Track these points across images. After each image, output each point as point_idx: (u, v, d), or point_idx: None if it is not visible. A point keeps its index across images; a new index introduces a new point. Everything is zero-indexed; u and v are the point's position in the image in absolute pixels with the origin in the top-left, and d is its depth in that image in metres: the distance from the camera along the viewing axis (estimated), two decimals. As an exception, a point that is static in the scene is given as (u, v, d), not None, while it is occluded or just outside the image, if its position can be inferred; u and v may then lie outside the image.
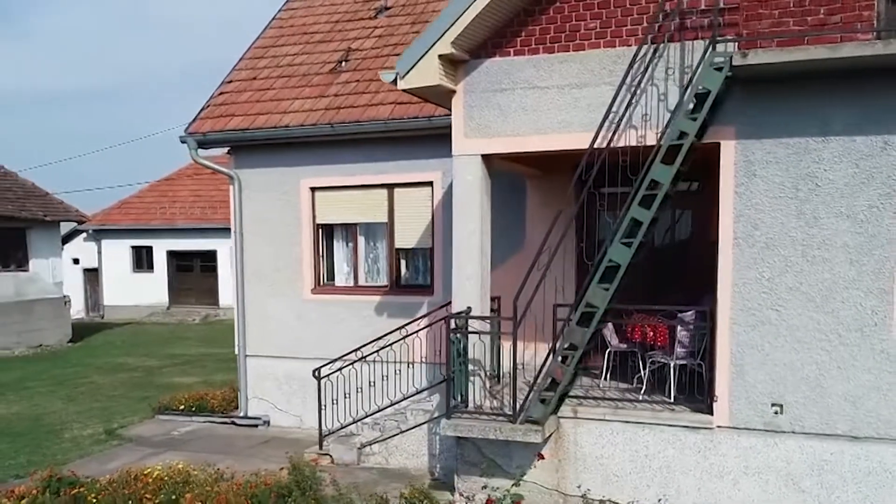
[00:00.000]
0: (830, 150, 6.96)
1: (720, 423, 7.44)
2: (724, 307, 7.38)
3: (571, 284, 10.11)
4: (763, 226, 7.20)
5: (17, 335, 22.42)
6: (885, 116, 6.78)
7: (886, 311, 6.90)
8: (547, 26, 7.89)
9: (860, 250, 6.93)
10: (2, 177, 23.09)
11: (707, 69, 6.81)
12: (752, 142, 7.19)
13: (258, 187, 12.25)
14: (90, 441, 11.86)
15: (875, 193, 6.86)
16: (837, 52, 6.39)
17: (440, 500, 8.15)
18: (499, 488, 7.77)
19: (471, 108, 8.18)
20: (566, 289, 9.58)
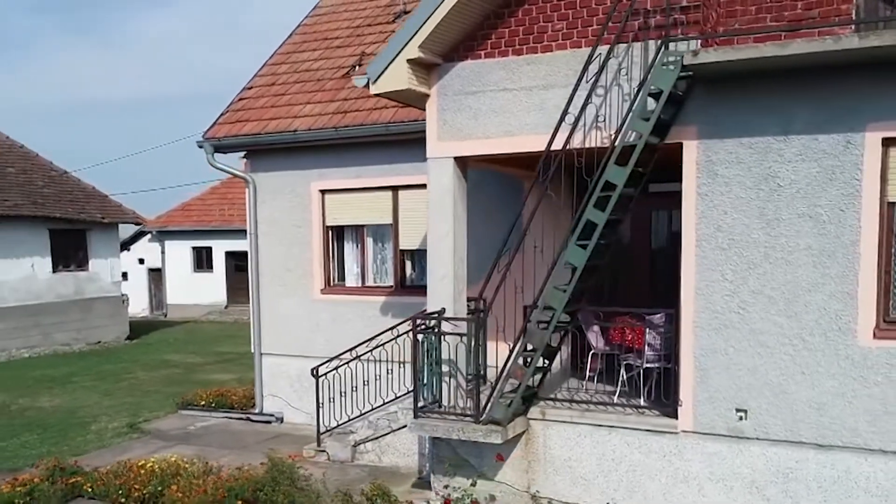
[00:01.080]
0: (792, 149, 6.79)
1: (685, 427, 7.33)
2: (687, 310, 7.27)
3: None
4: (726, 227, 7.07)
5: (77, 332, 23.51)
6: (847, 114, 6.57)
7: (851, 316, 6.68)
8: (516, 28, 7.92)
9: (824, 252, 6.73)
10: (63, 181, 24.24)
11: (659, 69, 6.74)
12: (714, 141, 7.07)
13: (272, 190, 12.60)
14: (112, 434, 12.40)
15: (838, 193, 6.65)
16: (785, 49, 6.24)
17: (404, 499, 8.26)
18: (460, 487, 7.84)
19: (444, 111, 8.28)
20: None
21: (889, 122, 6.45)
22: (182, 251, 33.15)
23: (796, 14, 7.57)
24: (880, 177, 6.55)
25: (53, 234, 22.88)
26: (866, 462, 6.71)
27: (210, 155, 12.53)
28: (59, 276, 23.15)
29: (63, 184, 24.09)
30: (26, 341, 22.06)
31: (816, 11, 7.51)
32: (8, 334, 21.63)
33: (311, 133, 11.76)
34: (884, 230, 6.60)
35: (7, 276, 21.63)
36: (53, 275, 23.00)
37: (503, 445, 7.76)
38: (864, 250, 6.60)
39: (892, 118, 6.44)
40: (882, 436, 6.62)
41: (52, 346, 22.62)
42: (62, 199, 23.40)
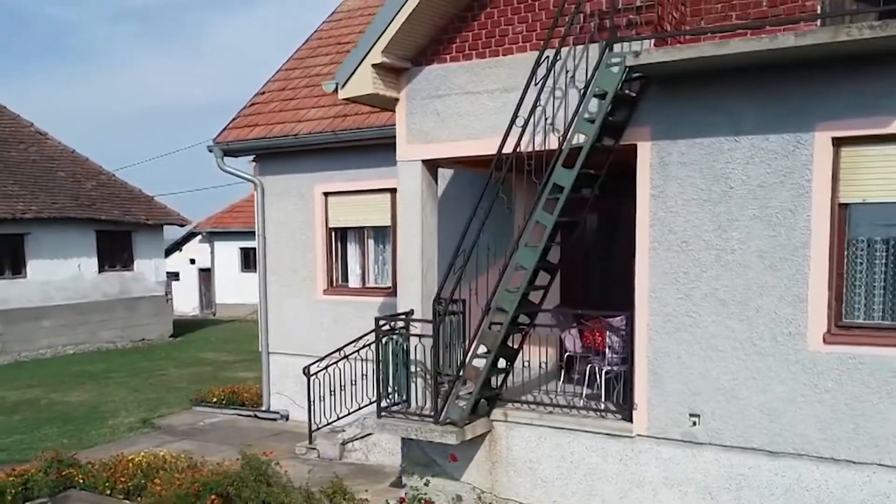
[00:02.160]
0: (743, 150, 6.67)
1: (640, 431, 7.26)
2: (641, 313, 7.21)
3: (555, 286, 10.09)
4: (679, 229, 6.99)
5: (122, 330, 24.38)
6: (797, 114, 6.42)
7: (801, 320, 6.53)
8: (479, 32, 7.97)
9: (774, 255, 6.60)
10: (111, 184, 25.17)
11: (603, 70, 6.70)
12: (667, 142, 6.99)
13: (278, 193, 12.91)
14: (125, 428, 12.89)
15: (788, 195, 6.51)
16: (723, 48, 6.14)
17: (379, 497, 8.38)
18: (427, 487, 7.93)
19: (412, 114, 8.38)
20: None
21: (839, 122, 6.29)
22: (230, 252, 34.00)
23: (761, 11, 7.45)
24: (831, 177, 6.38)
25: (100, 235, 23.80)
26: (817, 470, 6.54)
27: (220, 159, 12.90)
28: (105, 275, 24.06)
29: (110, 186, 25.01)
30: (72, 338, 23.00)
31: (781, 8, 7.38)
32: (55, 332, 22.60)
33: (313, 137, 12.02)
34: (835, 232, 6.43)
35: (55, 275, 22.59)
36: (99, 275, 23.92)
37: (460, 446, 7.80)
38: (814, 253, 6.44)
39: (841, 117, 6.27)
40: (832, 443, 6.45)
41: (97, 344, 23.52)
42: (109, 202, 24.30)
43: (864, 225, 6.48)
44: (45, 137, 25.00)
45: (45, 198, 22.43)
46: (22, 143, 24.06)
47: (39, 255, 22.18)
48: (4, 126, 24.11)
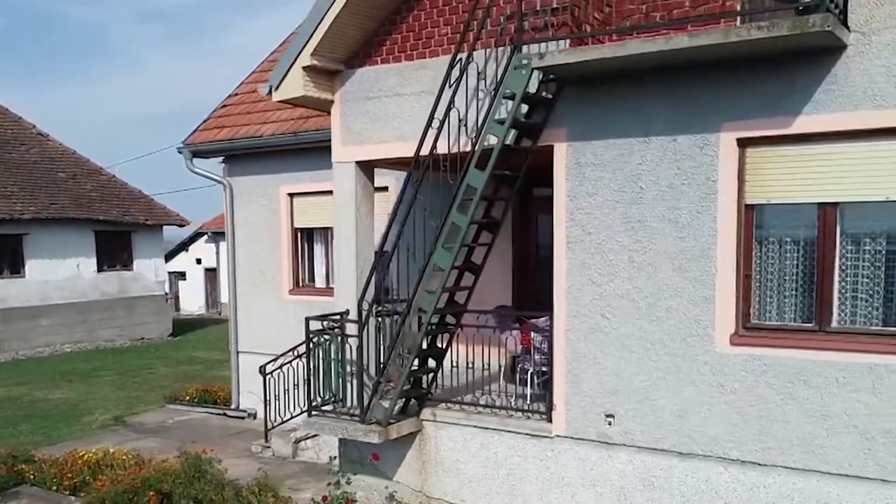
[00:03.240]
0: (653, 151, 6.67)
1: (558, 432, 7.28)
2: (559, 313, 7.22)
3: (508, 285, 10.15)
4: (593, 230, 6.99)
5: (120, 329, 24.72)
6: (703, 115, 6.41)
7: (709, 322, 6.51)
8: (407, 34, 8.03)
9: (683, 256, 6.59)
10: (111, 184, 25.51)
11: (512, 72, 6.73)
12: (582, 143, 7.00)
13: (246, 194, 13.05)
14: (98, 425, 13.10)
15: (696, 195, 6.50)
16: (623, 49, 6.14)
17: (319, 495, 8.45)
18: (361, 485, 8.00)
19: (346, 116, 8.46)
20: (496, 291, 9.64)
21: (743, 122, 6.27)
22: (235, 252, 34.24)
23: (684, 11, 7.39)
24: (737, 178, 6.36)
25: (99, 235, 24.14)
26: (726, 472, 6.52)
27: (189, 160, 13.06)
28: (103, 275, 24.40)
29: (110, 187, 25.36)
30: (71, 337, 23.37)
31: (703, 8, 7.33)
32: (54, 330, 22.98)
33: (276, 138, 12.14)
34: (741, 233, 6.41)
35: (53, 275, 22.96)
36: (98, 274, 24.26)
37: (390, 445, 7.87)
38: (720, 254, 6.42)
39: (746, 118, 6.25)
40: (739, 445, 6.43)
41: (96, 343, 23.86)
42: (108, 203, 24.64)
43: (770, 226, 6.45)
44: (47, 139, 25.40)
45: (44, 198, 22.80)
46: (24, 144, 24.47)
47: (38, 254, 22.56)
48: (7, 128, 24.54)
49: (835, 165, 6.03)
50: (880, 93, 5.74)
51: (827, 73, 5.91)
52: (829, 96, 5.92)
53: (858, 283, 6.14)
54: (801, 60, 5.96)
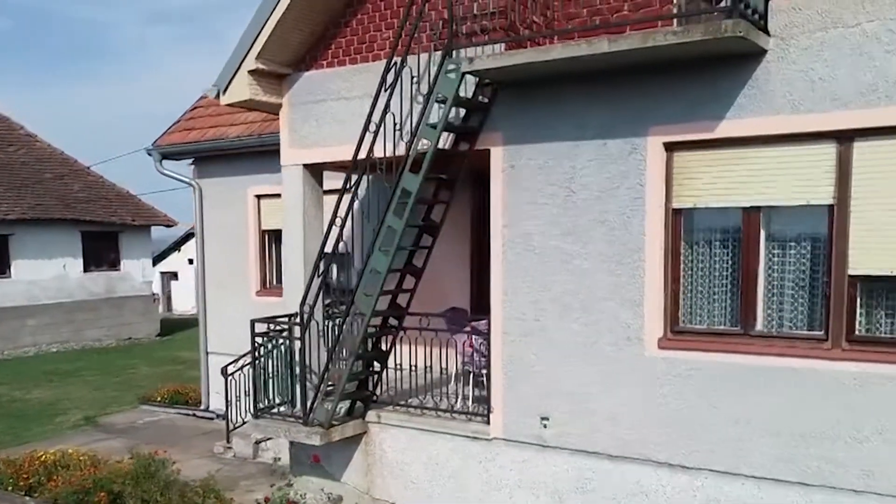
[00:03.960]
0: (585, 155, 6.70)
1: (496, 434, 7.31)
2: (496, 316, 7.26)
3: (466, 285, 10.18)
4: (528, 233, 7.03)
5: (108, 329, 24.82)
6: (631, 119, 6.44)
7: (639, 325, 6.54)
8: (351, 38, 8.08)
9: (614, 259, 6.61)
10: (99, 185, 25.60)
11: (443, 77, 6.76)
12: (518, 147, 7.03)
13: (215, 195, 13.10)
14: (69, 426, 13.19)
15: (625, 199, 6.53)
16: (546, 54, 6.18)
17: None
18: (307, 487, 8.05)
19: (293, 119, 8.50)
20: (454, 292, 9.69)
21: (669, 126, 6.29)
22: (227, 252, 34.33)
23: (623, 15, 7.41)
24: (664, 182, 6.39)
25: (85, 235, 24.23)
26: (655, 475, 6.55)
27: (158, 162, 13.12)
28: (90, 275, 24.49)
29: (98, 188, 25.45)
30: (57, 337, 23.47)
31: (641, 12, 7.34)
32: (40, 330, 23.09)
33: (242, 141, 12.20)
34: (669, 237, 6.44)
35: (40, 275, 23.06)
36: (85, 274, 24.35)
37: (331, 446, 7.92)
38: (648, 258, 6.45)
39: (671, 122, 6.28)
40: (668, 448, 6.46)
41: (83, 342, 23.97)
42: (95, 203, 24.74)
43: (698, 229, 6.48)
44: (35, 140, 25.50)
45: (30, 199, 22.90)
46: (12, 145, 24.57)
47: (24, 255, 22.66)
48: (-6, 129, 24.66)
49: (758, 170, 6.05)
50: (799, 97, 5.76)
51: (748, 78, 5.93)
52: (751, 101, 5.94)
53: (782, 287, 6.16)
54: (723, 65, 5.98)
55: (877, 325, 5.83)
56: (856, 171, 5.69)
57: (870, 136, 5.60)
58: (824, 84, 5.66)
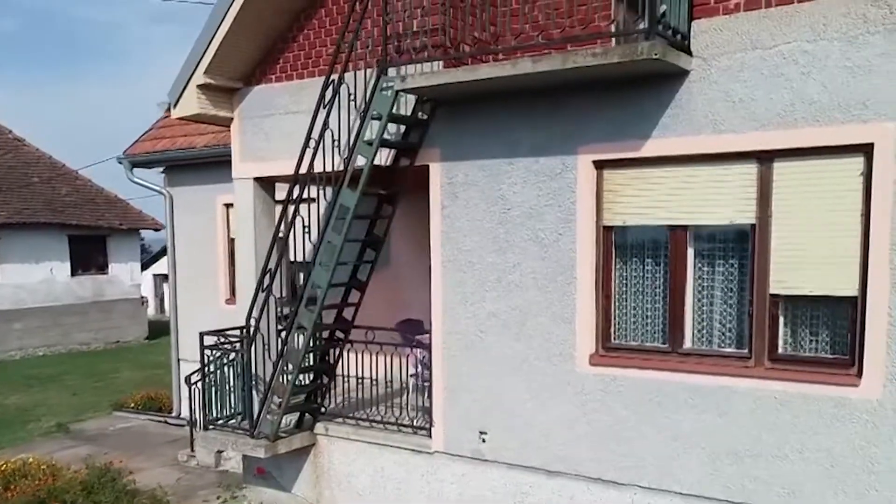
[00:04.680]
0: (519, 172, 6.74)
1: (437, 447, 7.37)
2: (437, 331, 7.31)
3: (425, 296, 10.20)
4: (466, 249, 7.07)
5: (96, 332, 24.93)
6: (562, 137, 6.48)
7: (570, 342, 6.58)
8: (298, 53, 8.13)
9: (546, 276, 6.66)
10: (85, 189, 25.69)
11: (378, 95, 6.81)
12: (455, 164, 7.08)
13: (185, 203, 13.18)
14: (41, 432, 13.28)
15: (556, 217, 6.57)
16: (474, 73, 6.22)
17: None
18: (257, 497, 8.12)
19: (244, 133, 8.56)
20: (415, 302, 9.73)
21: (598, 145, 6.33)
22: (219, 254, 34.42)
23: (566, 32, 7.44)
24: (594, 200, 6.43)
25: (73, 239, 24.33)
26: (588, 491, 6.60)
27: (128, 171, 13.20)
28: (78, 279, 24.60)
29: (85, 192, 25.55)
30: (45, 340, 23.59)
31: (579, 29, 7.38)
32: (28, 333, 23.21)
33: (209, 150, 12.26)
34: (600, 254, 6.48)
35: (27, 279, 23.18)
36: (73, 278, 24.46)
37: (281, 458, 8.00)
38: (580, 274, 6.49)
39: (600, 141, 6.31)
40: (600, 464, 6.50)
41: (70, 346, 24.08)
42: (82, 207, 24.84)
43: (628, 247, 6.52)
44: (23, 144, 25.60)
45: (16, 203, 23.01)
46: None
47: (11, 259, 22.77)
48: (-19, 134, 24.77)
49: (683, 189, 6.08)
50: (720, 118, 5.79)
51: (672, 98, 5.97)
52: (675, 121, 5.97)
53: (709, 305, 6.20)
54: (648, 85, 6.02)
55: (799, 344, 5.86)
56: (776, 191, 5.72)
57: (789, 156, 5.64)
58: (744, 105, 5.70)
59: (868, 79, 5.27)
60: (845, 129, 5.36)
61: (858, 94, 5.30)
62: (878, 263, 5.32)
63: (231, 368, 8.30)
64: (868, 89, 5.27)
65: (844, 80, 5.34)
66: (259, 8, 7.72)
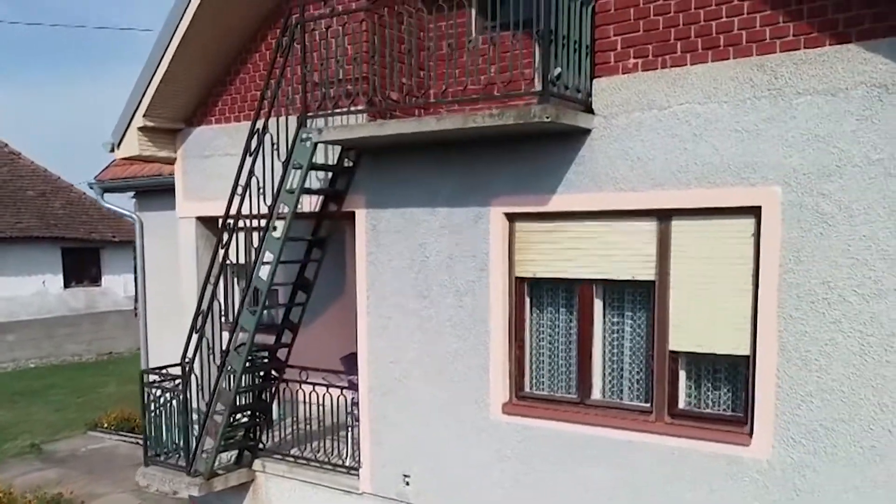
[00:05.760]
0: (437, 221, 6.83)
1: (365, 489, 7.47)
2: (363, 373, 7.42)
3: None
4: (390, 295, 7.17)
5: (88, 343, 25.23)
6: (476, 189, 6.56)
7: (485, 389, 6.67)
8: (235, 96, 8.26)
9: (463, 324, 6.75)
10: (79, 202, 26.00)
11: (298, 144, 6.91)
12: (378, 211, 7.18)
13: (154, 228, 13.33)
14: (14, 452, 13.52)
15: (471, 266, 6.65)
16: (383, 129, 6.32)
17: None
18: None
19: (186, 173, 8.71)
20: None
21: (509, 198, 6.41)
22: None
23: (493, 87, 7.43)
24: (507, 251, 6.51)
25: (66, 252, 24.66)
26: (503, 536, 6.68)
27: (99, 196, 13.39)
28: (70, 291, 24.92)
29: (79, 205, 25.86)
30: (37, 352, 23.91)
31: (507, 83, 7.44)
32: (20, 345, 23.53)
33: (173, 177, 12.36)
34: (513, 304, 6.56)
35: (19, 291, 23.51)
36: (65, 290, 24.79)
37: (217, 494, 8.09)
38: (493, 324, 6.58)
39: (511, 194, 6.39)
40: (514, 512, 6.59)
41: (62, 357, 24.39)
42: (76, 220, 25.15)
43: (540, 298, 6.60)
44: (18, 157, 25.95)
45: (9, 217, 23.33)
46: (-5, 164, 25.06)
47: (4, 272, 23.11)
48: (-23, 148, 25.13)
49: (589, 244, 6.15)
50: (620, 175, 5.86)
51: (576, 155, 6.04)
52: (579, 177, 6.05)
53: (616, 358, 6.27)
54: (553, 142, 6.09)
55: (700, 399, 5.92)
56: (674, 249, 5.78)
57: (686, 215, 5.70)
58: (643, 163, 5.76)
59: (755, 143, 5.32)
60: (735, 192, 5.42)
61: (747, 158, 5.36)
62: (767, 325, 5.37)
63: (169, 406, 8.43)
64: (756, 153, 5.33)
65: (734, 142, 5.40)
66: (188, 61, 7.87)
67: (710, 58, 5.48)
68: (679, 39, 5.59)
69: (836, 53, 5.04)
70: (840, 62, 5.03)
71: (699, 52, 5.52)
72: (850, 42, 5.00)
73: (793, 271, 5.26)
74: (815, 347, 5.23)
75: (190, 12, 7.66)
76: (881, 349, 5.02)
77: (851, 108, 5.00)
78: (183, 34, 7.78)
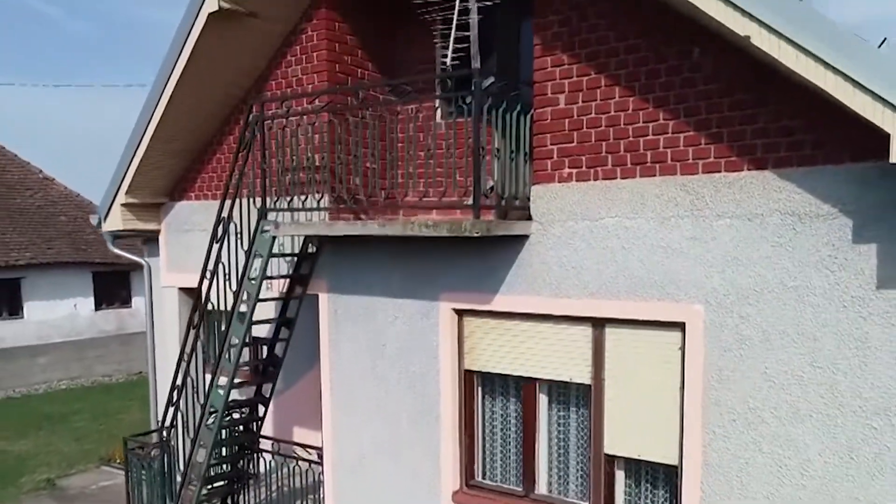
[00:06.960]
0: (392, 310, 7.02)
1: (330, 563, 7.69)
2: (327, 449, 7.64)
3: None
4: (349, 378, 7.38)
5: (118, 364, 25.92)
6: (427, 284, 6.74)
7: (437, 476, 6.84)
8: (211, 175, 8.55)
9: (416, 411, 6.93)
10: (110, 226, 26.74)
11: (259, 236, 7.16)
12: (338, 296, 7.39)
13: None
14: (30, 487, 13.99)
15: (424, 357, 6.83)
16: (332, 229, 6.52)
17: None
18: None
19: (169, 244, 9.03)
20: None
21: (456, 294, 6.57)
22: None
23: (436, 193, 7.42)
24: (456, 344, 6.67)
25: (97, 276, 25.38)
26: None
27: (110, 242, 13.80)
28: (101, 313, 25.64)
29: (110, 228, 26.55)
30: (67, 373, 24.65)
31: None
32: (51, 367, 24.29)
33: (177, 227, 12.74)
34: (463, 395, 6.71)
35: (51, 314, 24.28)
36: (96, 312, 25.51)
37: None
38: (444, 413, 6.74)
39: (458, 290, 6.55)
40: None
41: (93, 378, 25.10)
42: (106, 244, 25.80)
43: (489, 391, 6.74)
44: (52, 183, 26.79)
45: (41, 244, 24.11)
46: (29, 189, 25.89)
47: (36, 296, 23.89)
48: (13, 174, 25.98)
49: (532, 343, 6.28)
50: (555, 281, 5.98)
51: (517, 257, 6.18)
52: (518, 279, 6.18)
53: (559, 454, 6.39)
54: (496, 244, 6.23)
55: (639, 501, 6.00)
56: (608, 355, 5.88)
57: (618, 324, 5.79)
58: (576, 272, 5.87)
59: (679, 260, 5.40)
60: (662, 306, 5.51)
61: (671, 274, 5.44)
62: (692, 439, 5.45)
63: (150, 472, 8.75)
64: (679, 270, 5.41)
65: (659, 259, 5.49)
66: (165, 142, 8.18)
67: (638, 173, 5.57)
68: (610, 153, 5.70)
69: (752, 179, 5.11)
70: (756, 188, 5.09)
71: (628, 166, 5.62)
72: (767, 169, 5.06)
73: (715, 388, 5.33)
74: (736, 465, 5.29)
75: (164, 99, 7.96)
76: (797, 472, 5.07)
77: (766, 234, 5.06)
78: (160, 118, 8.09)
